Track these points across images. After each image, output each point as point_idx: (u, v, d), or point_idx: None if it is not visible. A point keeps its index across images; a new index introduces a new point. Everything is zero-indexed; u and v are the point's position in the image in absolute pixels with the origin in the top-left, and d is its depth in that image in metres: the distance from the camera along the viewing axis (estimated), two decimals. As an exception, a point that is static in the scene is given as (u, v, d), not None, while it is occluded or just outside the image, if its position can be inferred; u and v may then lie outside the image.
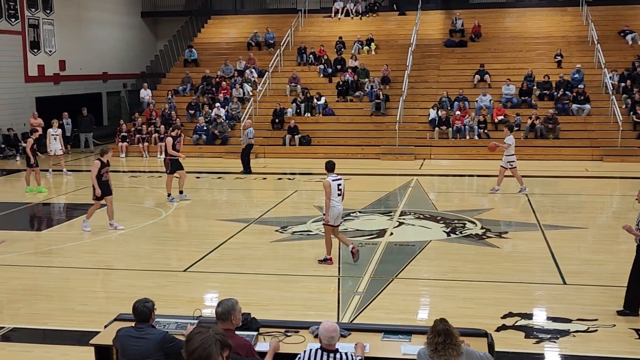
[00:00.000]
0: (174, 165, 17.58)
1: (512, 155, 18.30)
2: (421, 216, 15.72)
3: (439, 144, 25.74)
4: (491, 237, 13.76)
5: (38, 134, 19.51)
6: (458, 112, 26.32)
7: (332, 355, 5.76)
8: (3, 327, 9.23)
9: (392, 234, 14.17)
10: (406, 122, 26.62)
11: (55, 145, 22.19)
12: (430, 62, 30.51)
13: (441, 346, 5.50)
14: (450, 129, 26.02)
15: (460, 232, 14.12)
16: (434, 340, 5.54)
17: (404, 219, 15.52)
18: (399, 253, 12.89)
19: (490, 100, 27.06)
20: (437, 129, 26.05)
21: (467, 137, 25.91)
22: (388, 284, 10.77)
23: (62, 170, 22.38)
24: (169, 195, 17.72)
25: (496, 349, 6.65)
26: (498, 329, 8.75)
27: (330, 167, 11.91)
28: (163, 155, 21.57)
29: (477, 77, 28.71)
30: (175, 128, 18.60)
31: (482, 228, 14.47)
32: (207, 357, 3.81)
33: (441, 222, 15.13)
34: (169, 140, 17.80)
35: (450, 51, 31.24)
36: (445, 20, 33.61)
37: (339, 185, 11.77)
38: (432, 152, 25.36)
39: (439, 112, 26.39)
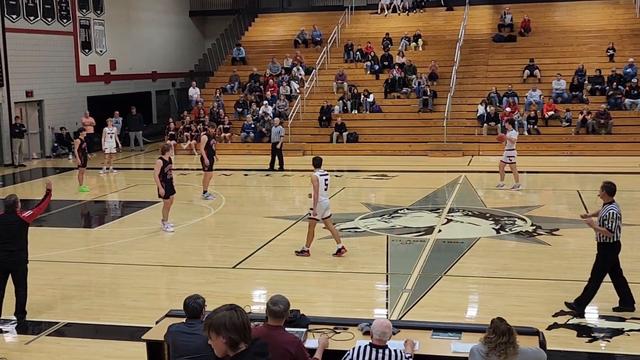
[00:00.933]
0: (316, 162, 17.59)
1: (513, 150, 18.18)
2: (470, 213, 15.57)
3: (487, 140, 25.42)
4: (542, 234, 13.56)
5: (86, 133, 19.79)
6: (508, 109, 25.98)
7: (381, 351, 5.75)
8: (58, 323, 9.42)
9: (440, 231, 14.07)
10: (454, 118, 26.39)
11: (110, 143, 22.54)
12: (479, 58, 30.19)
13: (503, 346, 5.47)
14: (499, 125, 25.70)
15: (510, 229, 13.95)
16: (497, 340, 5.51)
17: (452, 216, 15.39)
18: (448, 250, 12.79)
19: (540, 95, 26.66)
20: (485, 125, 25.77)
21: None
22: (437, 282, 10.70)
23: (111, 168, 22.70)
24: (204, 192, 17.82)
25: (548, 348, 6.55)
26: (549, 328, 8.63)
27: (317, 163, 12.36)
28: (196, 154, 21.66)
29: (527, 72, 28.31)
30: (211, 125, 18.72)
31: (532, 225, 14.27)
32: (204, 327, 3.90)
33: (490, 219, 14.97)
34: (204, 138, 17.86)
35: (499, 46, 30.86)
36: (493, 15, 33.21)
37: (325, 180, 12.15)
38: (481, 149, 25.09)
39: (488, 108, 26.09)
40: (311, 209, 12.17)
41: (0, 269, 9.16)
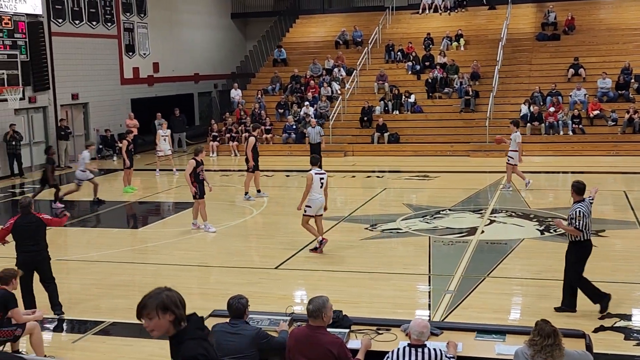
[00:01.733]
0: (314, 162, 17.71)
1: (515, 151, 18.10)
2: (513, 214, 15.40)
3: (531, 140, 25.11)
4: (587, 235, 13.33)
5: (133, 135, 20.03)
6: (552, 108, 25.63)
7: (420, 350, 5.71)
8: (103, 322, 9.56)
9: (483, 232, 13.94)
10: (496, 118, 26.11)
11: (164, 145, 22.82)
12: (522, 57, 29.84)
13: (549, 348, 5.41)
14: (543, 124, 25.38)
15: (555, 231, 13.75)
16: (542, 343, 5.44)
17: (495, 216, 15.24)
18: (491, 251, 12.67)
19: (585, 94, 26.24)
20: (529, 124, 25.46)
21: (561, 132, 25.23)
22: (480, 283, 10.60)
23: (171, 170, 22.87)
24: (246, 193, 17.93)
25: (594, 351, 6.44)
26: (596, 330, 8.49)
27: (314, 162, 12.79)
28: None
29: (571, 71, 27.89)
30: (256, 127, 18.86)
31: (577, 226, 14.03)
32: (144, 308, 3.90)
33: (534, 220, 14.78)
34: (252, 140, 17.98)
35: (543, 45, 30.46)
36: (536, 14, 32.79)
37: (321, 179, 12.45)
38: (524, 149, 24.73)
39: (531, 107, 25.78)
40: (308, 206, 12.44)
41: (26, 269, 9.33)
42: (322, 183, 12.44)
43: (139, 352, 8.48)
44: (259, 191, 18.12)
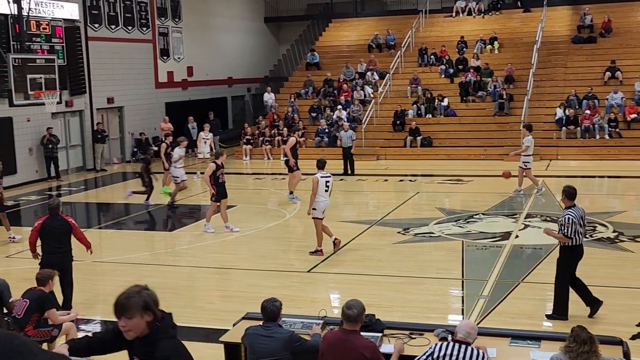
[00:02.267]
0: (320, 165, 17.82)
1: (530, 156, 18.08)
2: (548, 219, 15.23)
3: (566, 144, 24.87)
4: (624, 240, 13.16)
5: (171, 138, 20.09)
6: (588, 111, 25.32)
7: (464, 346, 5.67)
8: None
9: (517, 236, 13.81)
10: (531, 121, 25.83)
11: (205, 148, 22.98)
12: (557, 60, 29.53)
13: (585, 355, 5.34)
14: (579, 128, 25.09)
15: (591, 236, 13.57)
16: (578, 349, 5.37)
17: (529, 221, 15.09)
18: (525, 256, 12.55)
19: (622, 97, 25.89)
20: (564, 128, 25.19)
21: (597, 136, 24.91)
22: (514, 288, 10.50)
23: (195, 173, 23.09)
24: (290, 193, 18.03)
25: (632, 358, 6.34)
26: (633, 337, 8.35)
27: (320, 165, 12.97)
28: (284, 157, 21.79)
29: (608, 74, 27.53)
30: (297, 129, 18.89)
31: (614, 231, 13.86)
32: (126, 308, 3.78)
33: (570, 225, 14.58)
34: (292, 140, 18.07)
35: (578, 48, 30.11)
36: (572, 16, 32.44)
37: (327, 182, 12.61)
38: (559, 153, 24.53)
39: (567, 111, 25.49)
40: (314, 209, 12.55)
41: (54, 269, 9.46)
42: (327, 186, 12.62)
43: (173, 353, 8.52)
44: (291, 193, 18.17)
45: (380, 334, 6.53)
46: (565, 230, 8.86)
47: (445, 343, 5.73)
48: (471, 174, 21.69)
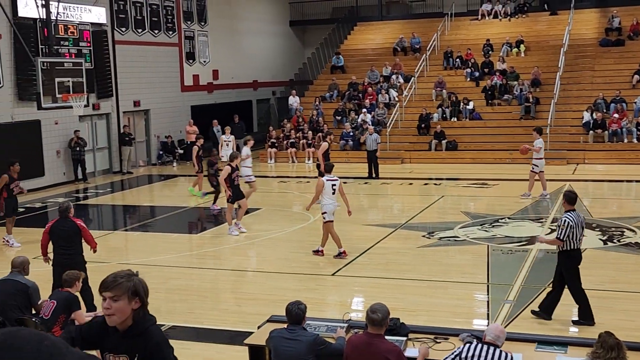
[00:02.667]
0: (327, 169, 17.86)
1: (540, 159, 18.07)
2: (575, 223, 15.06)
3: (593, 148, 24.63)
4: (652, 246, 12.99)
5: (202, 141, 20.17)
6: (616, 115, 25.06)
7: (492, 348, 5.64)
8: (163, 325, 9.69)
9: (547, 241, 13.67)
10: (558, 125, 25.69)
11: (227, 151, 22.99)
12: (584, 63, 29.27)
13: None
14: (606, 132, 24.83)
15: (618, 241, 13.43)
16: (605, 356, 5.32)
17: (556, 225, 14.92)
18: (551, 261, 12.37)
19: (650, 101, 25.60)
20: (591, 132, 24.95)
21: (625, 140, 24.64)
22: (540, 293, 10.40)
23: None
24: None
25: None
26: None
27: (328, 169, 13.34)
28: (312, 162, 21.91)
29: (636, 77, 27.22)
30: (329, 134, 18.94)
31: (642, 236, 13.69)
32: (113, 287, 3.62)
33: (597, 229, 14.45)
34: (325, 145, 18.11)
35: (606, 51, 29.82)
36: (600, 19, 32.13)
37: (333, 185, 12.78)
38: (586, 157, 24.30)
39: (594, 114, 25.25)
40: (324, 212, 12.76)
41: (58, 271, 9.53)
42: (334, 189, 12.77)
43: (198, 355, 8.58)
44: None
45: (404, 338, 6.51)
46: (560, 232, 8.94)
47: (474, 344, 5.71)
48: (497, 177, 21.56)
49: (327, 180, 12.80)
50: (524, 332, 8.23)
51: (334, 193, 12.80)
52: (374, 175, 22.33)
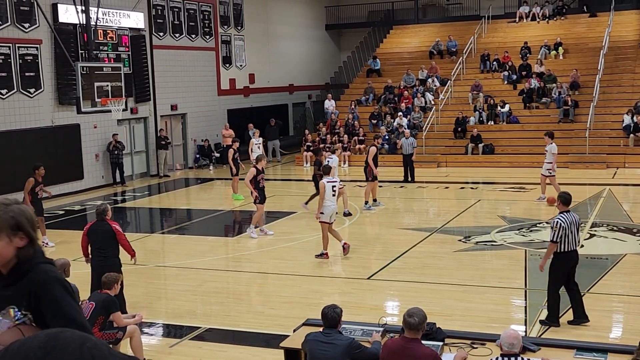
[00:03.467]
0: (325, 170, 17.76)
1: (551, 163, 17.99)
2: (615, 228, 14.85)
3: (634, 152, 24.23)
4: (695, 251, 12.73)
5: (237, 144, 20.28)
6: (656, 118, 24.64)
7: (512, 359, 5.57)
8: (199, 327, 9.77)
9: (582, 246, 13.48)
10: (597, 129, 25.33)
11: (257, 153, 23.08)
12: (625, 65, 28.82)
13: None
14: (648, 135, 24.42)
15: (659, 246, 13.19)
16: None
17: (595, 230, 14.75)
18: (591, 266, 12.25)
19: (693, 104, 25.12)
20: (632, 135, 24.55)
21: (666, 144, 24.22)
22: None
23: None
24: (366, 202, 17.95)
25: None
26: None
27: (326, 171, 13.48)
28: (347, 165, 21.73)
29: (677, 79, 26.76)
30: (377, 137, 18.96)
31: (684, 242, 13.43)
32: None
33: (638, 234, 14.22)
34: (373, 149, 18.07)
35: (647, 53, 29.36)
36: (640, 21, 31.65)
37: (333, 187, 13.02)
38: (627, 161, 23.92)
39: (634, 117, 24.85)
40: (322, 213, 12.91)
41: (95, 272, 9.67)
42: (334, 191, 12.97)
43: (234, 358, 8.62)
44: (375, 200, 18.18)
45: (441, 343, 6.47)
46: (552, 234, 8.99)
47: (493, 359, 5.66)
48: (534, 181, 21.29)
49: (328, 182, 13.00)
50: (562, 338, 8.12)
51: (334, 195, 13.00)
52: (409, 179, 22.24)
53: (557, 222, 9.01)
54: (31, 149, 20.07)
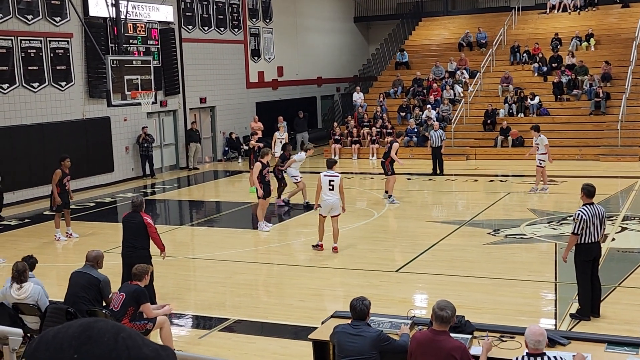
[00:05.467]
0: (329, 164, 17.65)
1: (544, 154, 18.17)
2: (647, 221, 14.66)
3: (666, 144, 23.89)
4: None
5: (259, 136, 20.36)
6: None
7: (539, 358, 5.53)
8: (228, 319, 9.83)
9: (614, 239, 13.34)
10: (629, 121, 24.98)
11: (279, 147, 23.10)
12: (657, 57, 28.38)
13: None
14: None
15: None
16: None
17: (627, 224, 14.57)
18: (622, 260, 12.12)
19: None
20: (664, 128, 24.20)
21: (700, 136, 23.83)
22: (610, 293, 10.16)
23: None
24: (390, 196, 17.86)
25: None
26: None
27: (328, 164, 13.48)
28: (375, 158, 21.68)
29: None
30: (400, 134, 18.91)
31: None
32: None
33: (670, 228, 14.02)
34: (396, 145, 17.97)
35: (681, 44, 28.85)
36: (674, 11, 31.10)
37: (330, 181, 12.90)
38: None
39: (667, 109, 24.49)
40: (319, 206, 13.05)
41: (125, 264, 9.87)
42: (331, 185, 12.89)
43: (263, 349, 8.67)
44: (390, 196, 17.95)
45: (470, 336, 6.44)
46: (574, 226, 9.00)
47: (519, 357, 5.60)
48: (565, 174, 21.09)
49: (325, 175, 13.00)
50: (593, 332, 8.05)
51: (331, 189, 12.91)
52: (438, 171, 22.13)
53: (579, 214, 8.98)
54: (62, 142, 20.31)
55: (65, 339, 1.46)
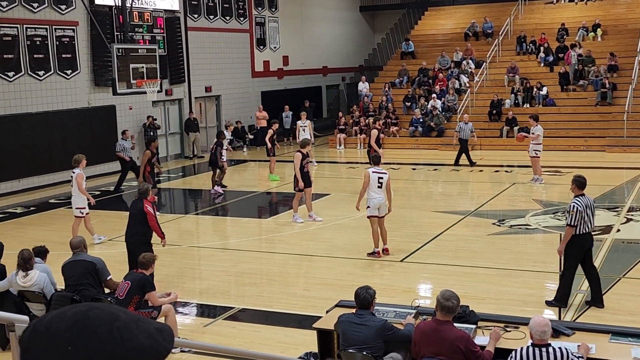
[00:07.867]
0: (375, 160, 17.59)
1: (539, 144, 18.18)
2: (652, 212, 14.63)
3: (673, 136, 23.80)
4: None
5: (277, 125, 20.38)
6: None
7: (544, 349, 5.53)
8: (233, 307, 9.86)
9: (619, 230, 13.33)
10: (636, 112, 24.88)
11: (304, 136, 23.00)
12: (664, 47, 28.23)
13: None
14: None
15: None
16: None
17: (632, 215, 14.55)
18: (627, 251, 12.11)
19: None
20: (671, 119, 24.11)
21: None
22: (615, 284, 10.16)
23: (313, 161, 23.00)
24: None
25: None
26: None
27: (374, 161, 12.31)
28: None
29: None
30: (377, 119, 18.80)
31: None
32: None
33: (675, 219, 14.00)
34: (374, 132, 17.94)
35: (688, 34, 28.70)
36: (682, 1, 30.93)
37: (379, 178, 11.79)
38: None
39: (674, 100, 24.39)
40: (368, 206, 11.92)
41: (128, 250, 10.23)
42: (380, 183, 11.77)
43: (267, 338, 8.69)
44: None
45: (474, 326, 6.45)
46: (570, 218, 9.01)
47: (524, 349, 5.59)
48: (571, 165, 21.04)
49: (373, 172, 11.85)
50: (597, 322, 8.05)
51: (380, 187, 11.81)
52: (469, 162, 21.55)
53: (574, 206, 9.04)
54: (68, 130, 20.34)
55: (60, 331, 1.41)
